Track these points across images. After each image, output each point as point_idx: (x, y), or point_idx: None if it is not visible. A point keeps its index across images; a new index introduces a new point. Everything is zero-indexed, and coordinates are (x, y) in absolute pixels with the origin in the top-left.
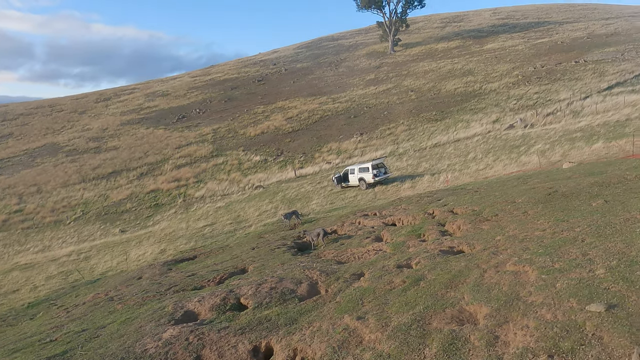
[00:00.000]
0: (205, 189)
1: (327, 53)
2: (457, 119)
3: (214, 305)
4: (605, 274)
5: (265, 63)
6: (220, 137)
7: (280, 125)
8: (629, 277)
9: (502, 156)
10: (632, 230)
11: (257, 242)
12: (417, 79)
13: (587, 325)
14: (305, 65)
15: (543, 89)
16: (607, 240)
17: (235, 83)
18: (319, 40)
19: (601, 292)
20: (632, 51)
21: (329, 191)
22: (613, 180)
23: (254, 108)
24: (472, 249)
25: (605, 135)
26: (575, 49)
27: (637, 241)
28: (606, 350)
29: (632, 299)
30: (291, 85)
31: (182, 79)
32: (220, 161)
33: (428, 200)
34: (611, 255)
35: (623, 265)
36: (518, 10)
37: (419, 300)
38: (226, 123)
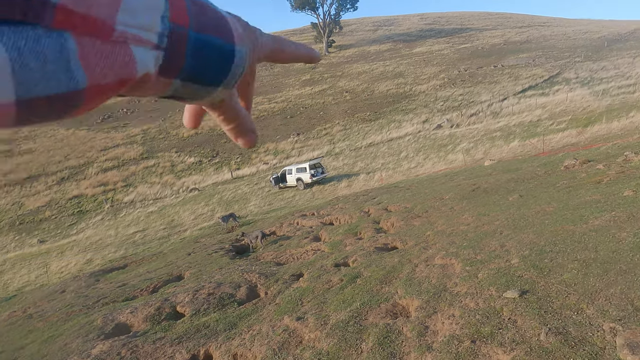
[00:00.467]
0: (135, 193)
1: None
2: (389, 119)
3: (148, 315)
4: (519, 263)
5: None
6: (151, 138)
7: (215, 126)
8: (539, 265)
9: (431, 155)
10: (542, 221)
11: (193, 247)
12: (351, 80)
13: (504, 311)
14: None
15: (467, 91)
16: (521, 232)
17: None
18: None
19: (516, 280)
20: (542, 57)
21: (266, 192)
22: (527, 176)
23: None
24: (405, 244)
25: (520, 134)
26: (494, 54)
27: (546, 232)
28: (520, 332)
29: (541, 285)
30: None
31: None
32: (151, 163)
33: (364, 199)
34: (524, 245)
35: (534, 254)
36: (443, 16)
37: (355, 297)
38: (157, 123)
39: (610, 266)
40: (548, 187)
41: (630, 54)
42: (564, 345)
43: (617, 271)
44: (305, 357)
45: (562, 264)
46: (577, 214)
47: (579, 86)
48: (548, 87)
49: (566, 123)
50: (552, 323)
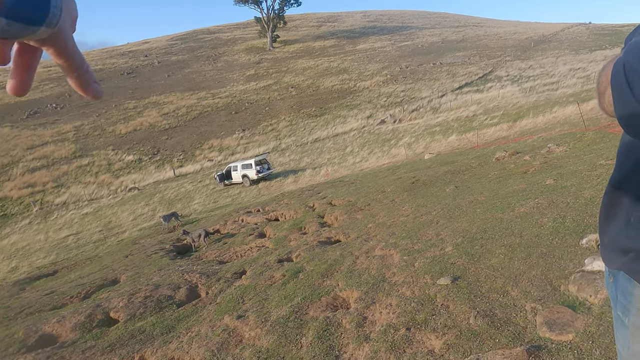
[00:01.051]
0: (67, 194)
1: (204, 46)
2: (335, 114)
3: (78, 323)
4: (452, 250)
5: (135, 54)
6: (85, 135)
7: (156, 122)
8: (470, 252)
9: (375, 149)
10: (474, 210)
11: (132, 249)
12: (296, 75)
13: (437, 297)
14: (181, 58)
15: (408, 87)
16: (455, 221)
17: (101, 75)
18: (194, 32)
19: (449, 267)
20: (477, 56)
21: (211, 190)
22: (462, 168)
23: (124, 103)
24: (348, 237)
25: (458, 129)
26: (433, 52)
27: (477, 220)
28: (451, 316)
29: (471, 271)
30: (166, 79)
31: None
32: (85, 162)
33: (309, 194)
34: (457, 233)
35: (466, 241)
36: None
37: (297, 292)
38: (91, 120)
39: (533, 250)
40: (481, 178)
41: (553, 54)
42: (491, 326)
43: (539, 254)
44: (245, 356)
45: (491, 249)
46: (505, 203)
47: (509, 83)
48: (482, 84)
49: (498, 118)
50: (480, 306)
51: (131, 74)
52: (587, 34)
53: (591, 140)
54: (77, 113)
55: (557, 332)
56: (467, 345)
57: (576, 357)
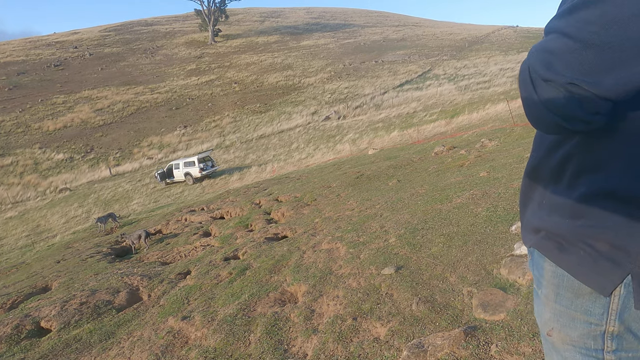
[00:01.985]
0: None
1: (140, 39)
2: (280, 110)
3: (3, 336)
4: (395, 241)
5: (63, 45)
6: (6, 132)
7: (88, 118)
8: (412, 242)
9: (321, 145)
10: (415, 202)
11: (64, 254)
12: (240, 71)
13: (382, 287)
14: (115, 50)
15: (352, 84)
16: (398, 213)
17: (24, 67)
18: (129, 24)
19: (392, 257)
20: (416, 55)
21: (152, 189)
22: (404, 162)
23: (51, 97)
24: (294, 233)
25: (399, 125)
26: (375, 50)
27: (418, 212)
28: (395, 304)
29: (413, 260)
30: (99, 73)
31: None
32: (8, 162)
33: (255, 191)
34: (400, 225)
35: (408, 232)
36: (327, 11)
37: (244, 289)
38: (13, 115)
39: (469, 238)
40: (421, 172)
41: (485, 54)
42: (432, 311)
43: (474, 241)
44: (191, 357)
45: (431, 239)
46: (444, 194)
47: (446, 82)
48: (422, 82)
49: (437, 114)
50: (422, 293)
51: (59, 67)
52: (515, 36)
53: (519, 135)
54: None
55: (490, 312)
56: (410, 330)
57: (507, 334)
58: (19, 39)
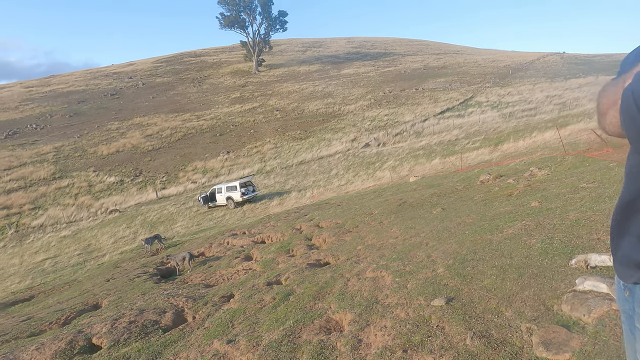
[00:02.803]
0: (45, 216)
1: (189, 69)
2: (320, 137)
3: (58, 351)
4: (444, 272)
5: (119, 76)
6: (65, 156)
7: (139, 143)
8: (462, 273)
9: (360, 172)
10: (463, 232)
11: (113, 273)
12: (281, 98)
13: (432, 319)
14: (166, 80)
15: (392, 111)
16: (445, 243)
17: (84, 96)
18: (180, 55)
19: (442, 288)
20: (457, 82)
21: (195, 212)
22: (448, 190)
23: (106, 124)
24: (337, 259)
25: (441, 152)
26: (415, 78)
27: (467, 241)
28: (447, 338)
29: (465, 292)
30: (150, 101)
31: (13, 89)
32: (64, 184)
33: (295, 216)
34: (448, 255)
35: (457, 263)
36: (368, 40)
37: (289, 315)
38: (72, 140)
39: (524, 271)
40: (467, 201)
41: (530, 81)
42: (488, 347)
43: (530, 275)
44: None
45: (483, 270)
46: (493, 224)
47: (489, 109)
48: (463, 109)
49: (480, 142)
50: (476, 327)
51: (115, 95)
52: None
53: (571, 164)
54: (58, 134)
55: (554, 351)
56: None
57: None
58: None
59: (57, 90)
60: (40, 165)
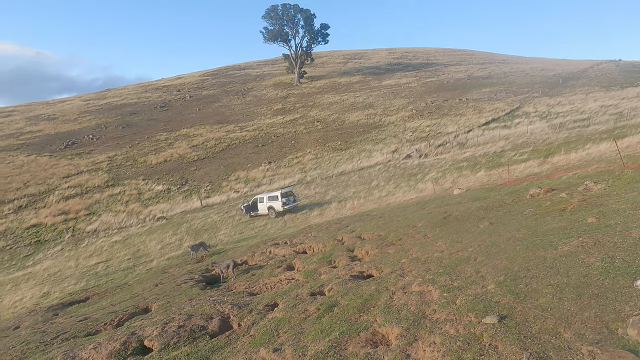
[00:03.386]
0: (99, 222)
1: (234, 82)
2: (360, 148)
3: (113, 351)
4: (495, 288)
5: (168, 89)
6: (117, 165)
7: (185, 153)
8: (514, 290)
9: (401, 183)
10: (514, 248)
11: (161, 278)
12: (322, 110)
13: (484, 337)
14: (212, 92)
15: (434, 122)
16: (495, 258)
17: (135, 108)
18: (225, 68)
19: (493, 305)
20: (503, 92)
21: (237, 220)
22: (495, 204)
23: (155, 135)
24: (381, 272)
25: (486, 164)
26: (459, 88)
27: (518, 258)
28: (501, 357)
29: (518, 310)
30: (196, 113)
31: (73, 102)
32: (116, 191)
33: (337, 227)
34: (499, 271)
35: (509, 280)
36: (410, 51)
37: (334, 326)
38: (124, 150)
39: (583, 290)
40: (516, 215)
41: (582, 90)
42: None
43: (590, 295)
44: None
45: (537, 288)
46: (546, 240)
47: (538, 119)
48: (509, 120)
49: (528, 154)
50: (532, 348)
51: (164, 107)
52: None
53: (631, 178)
54: (112, 144)
55: None
56: None
57: None
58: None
59: (112, 102)
60: (95, 173)
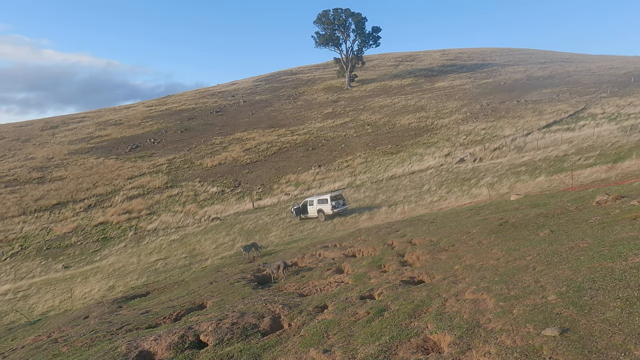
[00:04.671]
0: (158, 221)
1: (285, 86)
2: (411, 152)
3: (172, 343)
4: (556, 299)
5: (223, 94)
6: (176, 167)
7: (238, 157)
8: (578, 302)
9: (454, 188)
10: (577, 258)
11: (215, 276)
12: (373, 113)
13: (544, 350)
14: (264, 97)
15: (489, 125)
16: (556, 268)
17: (193, 113)
18: (277, 73)
19: (554, 317)
20: (566, 93)
21: (287, 223)
22: (556, 211)
23: (211, 139)
24: (432, 278)
25: (546, 169)
26: (517, 89)
27: (583, 268)
28: None
29: (582, 323)
30: (249, 117)
31: (137, 108)
32: (175, 192)
33: (386, 231)
34: (560, 281)
35: (572, 291)
36: (464, 52)
37: (384, 330)
38: (182, 153)
39: None
40: (580, 223)
41: None
42: None
43: None
44: None
45: (604, 301)
46: (614, 251)
47: (605, 121)
48: (573, 122)
49: (594, 158)
50: None
51: (219, 112)
52: None
53: None
54: (171, 147)
55: None
56: None
57: None
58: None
59: (172, 108)
60: (155, 175)
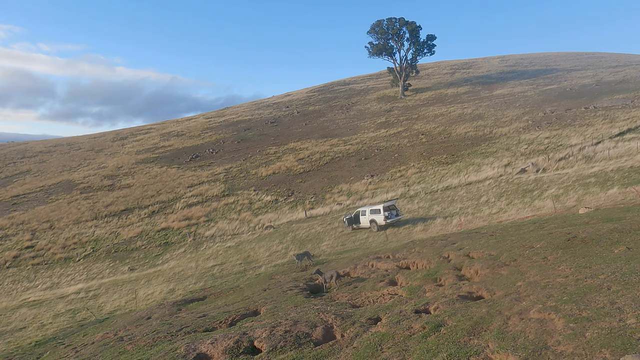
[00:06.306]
0: (215, 228)
1: (338, 97)
2: (468, 162)
3: (227, 348)
4: (637, 323)
5: (278, 106)
6: (232, 176)
7: (292, 166)
8: None
9: (515, 200)
10: None
11: (269, 283)
12: (427, 122)
13: None
14: (317, 108)
15: (554, 134)
16: (635, 289)
17: (249, 124)
18: (331, 84)
19: (635, 343)
20: None
21: (339, 232)
22: (634, 226)
23: (266, 149)
24: (492, 294)
25: (620, 181)
26: (584, 95)
27: None
28: None
29: None
30: (303, 127)
31: (197, 120)
32: (231, 200)
33: (442, 244)
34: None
35: None
36: (525, 57)
37: (441, 347)
38: (238, 163)
39: None
40: None
41: None
42: None
43: None
44: None
45: None
46: None
47: None
48: None
49: None
50: None
51: (274, 123)
52: None
53: None
54: (228, 157)
55: None
56: None
57: None
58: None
59: (229, 120)
60: (213, 184)
